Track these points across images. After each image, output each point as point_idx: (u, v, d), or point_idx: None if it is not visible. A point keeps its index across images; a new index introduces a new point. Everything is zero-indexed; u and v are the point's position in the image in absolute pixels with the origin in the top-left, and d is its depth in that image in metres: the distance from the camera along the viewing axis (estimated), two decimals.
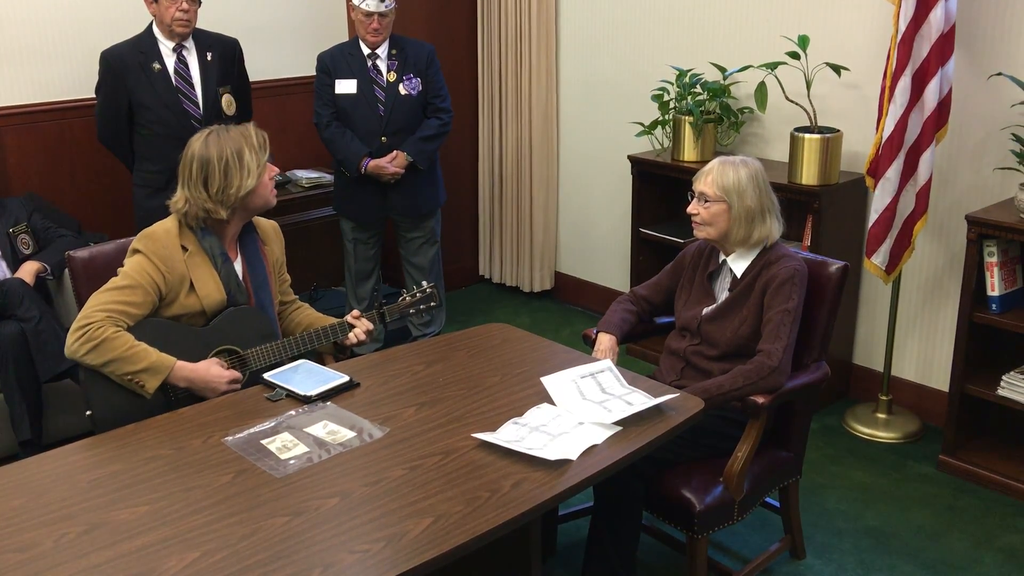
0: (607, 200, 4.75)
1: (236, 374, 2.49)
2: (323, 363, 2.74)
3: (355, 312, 2.72)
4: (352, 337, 2.67)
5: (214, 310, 2.53)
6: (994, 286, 3.19)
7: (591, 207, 4.87)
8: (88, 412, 2.41)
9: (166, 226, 2.53)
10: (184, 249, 2.51)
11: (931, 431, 3.65)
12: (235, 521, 1.83)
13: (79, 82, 3.94)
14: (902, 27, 3.17)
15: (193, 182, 2.50)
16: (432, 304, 2.80)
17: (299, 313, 2.81)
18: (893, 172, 3.28)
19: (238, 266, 2.60)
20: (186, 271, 2.49)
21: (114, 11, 3.99)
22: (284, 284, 2.80)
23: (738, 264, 2.64)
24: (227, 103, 3.75)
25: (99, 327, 2.34)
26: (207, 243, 2.53)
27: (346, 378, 2.42)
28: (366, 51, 3.98)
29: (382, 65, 3.99)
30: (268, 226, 2.76)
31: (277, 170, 2.61)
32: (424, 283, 2.81)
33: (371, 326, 2.70)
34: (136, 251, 2.48)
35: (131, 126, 3.68)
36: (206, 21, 3.83)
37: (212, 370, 2.44)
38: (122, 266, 2.49)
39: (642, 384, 2.40)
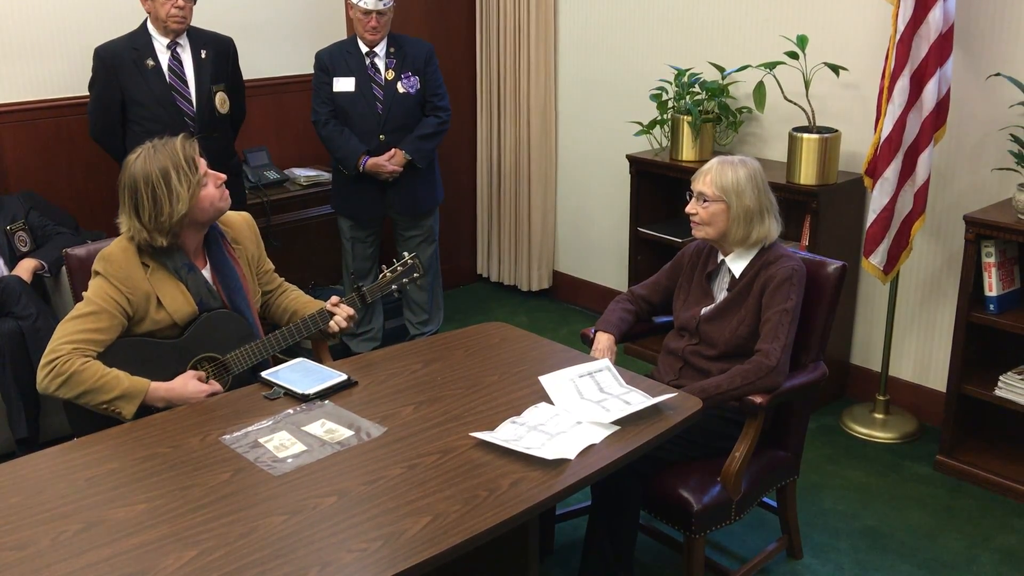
0: (605, 199, 4.75)
1: (215, 387, 2.45)
2: (318, 354, 2.74)
3: (334, 299, 2.66)
4: (333, 325, 2.62)
5: (187, 321, 2.47)
6: (992, 286, 3.19)
7: (589, 206, 4.87)
8: (75, 439, 2.39)
9: (123, 244, 2.43)
10: (145, 266, 2.43)
11: (928, 431, 3.65)
12: (233, 519, 1.83)
13: (76, 79, 3.93)
14: (901, 27, 3.17)
15: (127, 211, 2.41)
16: (416, 275, 2.72)
17: (285, 298, 2.76)
18: (891, 172, 3.28)
19: (207, 273, 2.54)
20: (150, 288, 2.42)
21: (112, 8, 3.97)
22: (266, 275, 2.74)
23: (736, 264, 2.64)
24: (221, 101, 3.74)
25: (66, 360, 2.29)
26: (168, 259, 2.45)
27: (344, 377, 2.42)
28: (364, 49, 3.98)
29: (380, 63, 3.98)
30: (240, 222, 2.67)
31: (223, 176, 2.49)
32: (405, 254, 2.75)
33: (352, 311, 2.64)
34: (96, 273, 2.41)
35: (124, 123, 3.67)
36: (205, 19, 3.83)
37: (189, 386, 2.39)
38: (86, 289, 2.42)
39: (640, 383, 2.40)
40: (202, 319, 2.49)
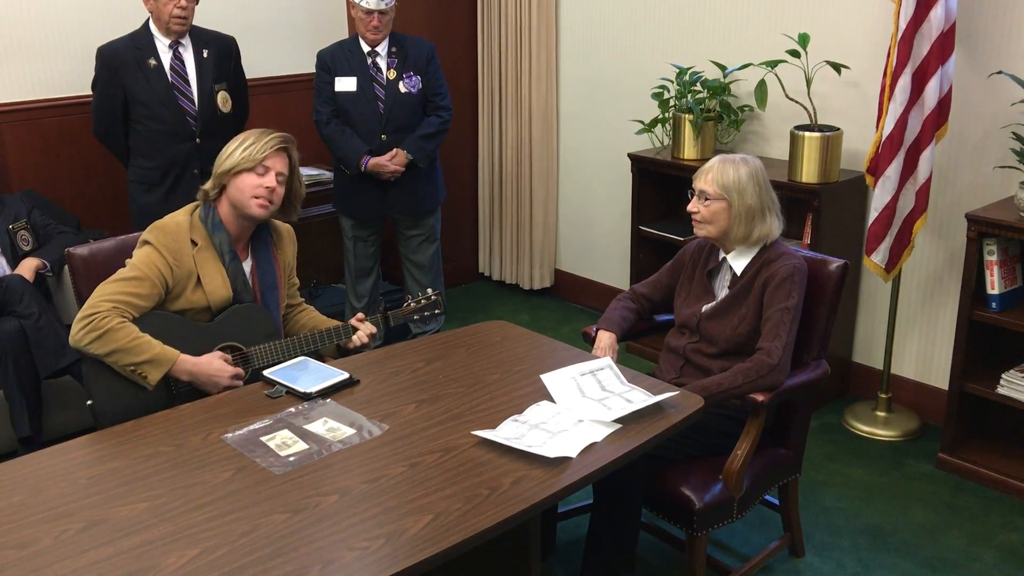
0: (607, 198, 4.75)
1: (239, 370, 2.49)
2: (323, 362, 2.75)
3: (359, 315, 2.72)
4: (355, 340, 2.68)
5: (220, 307, 2.53)
6: (994, 284, 3.19)
7: (591, 205, 4.86)
8: (89, 402, 2.41)
9: (177, 219, 2.53)
10: (194, 244, 2.51)
11: (930, 429, 3.65)
12: (235, 518, 1.83)
13: (78, 79, 3.93)
14: (902, 25, 3.17)
15: None
16: (436, 311, 2.82)
17: (303, 315, 2.82)
18: (893, 170, 3.28)
19: (247, 266, 2.61)
20: (194, 266, 2.49)
21: (114, 8, 3.98)
22: (292, 288, 2.81)
23: (738, 262, 2.64)
24: (223, 100, 3.74)
25: (104, 317, 2.34)
26: (217, 239, 2.54)
27: (346, 375, 2.42)
28: (366, 49, 3.98)
29: (382, 63, 3.98)
30: (284, 229, 2.76)
31: (272, 184, 2.53)
32: (429, 290, 2.84)
33: (374, 330, 2.70)
34: (146, 242, 2.49)
35: (126, 122, 3.68)
36: (207, 19, 3.83)
37: (215, 364, 2.45)
38: (131, 257, 2.49)
39: (642, 382, 2.40)
40: (233, 309, 2.55)
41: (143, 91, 3.60)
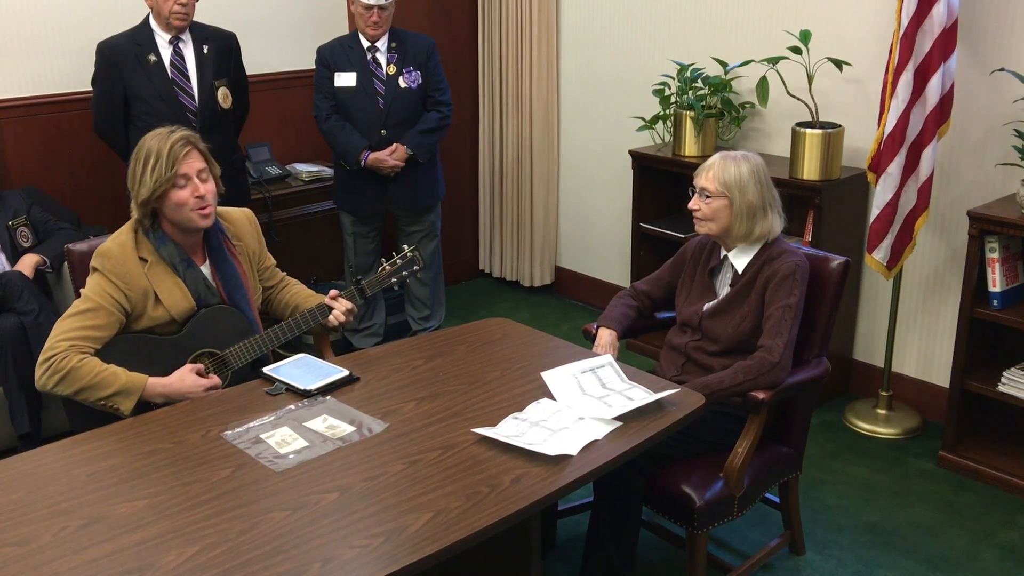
0: (608, 195, 4.74)
1: (214, 380, 2.44)
2: (320, 349, 2.74)
3: (333, 292, 2.67)
4: (332, 319, 2.63)
5: (185, 317, 2.47)
6: (995, 282, 3.18)
7: (592, 202, 4.86)
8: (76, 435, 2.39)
9: (121, 240, 2.44)
10: (143, 261, 2.42)
11: (931, 427, 3.65)
12: (234, 515, 1.83)
13: (78, 75, 3.93)
14: (904, 22, 3.16)
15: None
16: (415, 268, 2.71)
17: (286, 293, 2.76)
18: (895, 168, 3.27)
19: (206, 269, 2.54)
20: (148, 284, 2.42)
21: (114, 4, 3.97)
22: (267, 271, 2.74)
23: (739, 260, 2.63)
24: (223, 96, 3.73)
25: (63, 357, 2.29)
26: (165, 251, 2.45)
27: (346, 372, 2.41)
28: (366, 44, 3.97)
29: (382, 58, 3.98)
30: (240, 218, 2.67)
31: (203, 190, 2.41)
32: (405, 247, 2.75)
33: (351, 305, 2.65)
34: (95, 269, 2.41)
35: (126, 118, 3.67)
36: (206, 14, 3.82)
37: (187, 380, 2.39)
38: (83, 287, 2.42)
39: (643, 379, 2.39)
40: (200, 315, 2.48)
41: (143, 87, 3.59)
